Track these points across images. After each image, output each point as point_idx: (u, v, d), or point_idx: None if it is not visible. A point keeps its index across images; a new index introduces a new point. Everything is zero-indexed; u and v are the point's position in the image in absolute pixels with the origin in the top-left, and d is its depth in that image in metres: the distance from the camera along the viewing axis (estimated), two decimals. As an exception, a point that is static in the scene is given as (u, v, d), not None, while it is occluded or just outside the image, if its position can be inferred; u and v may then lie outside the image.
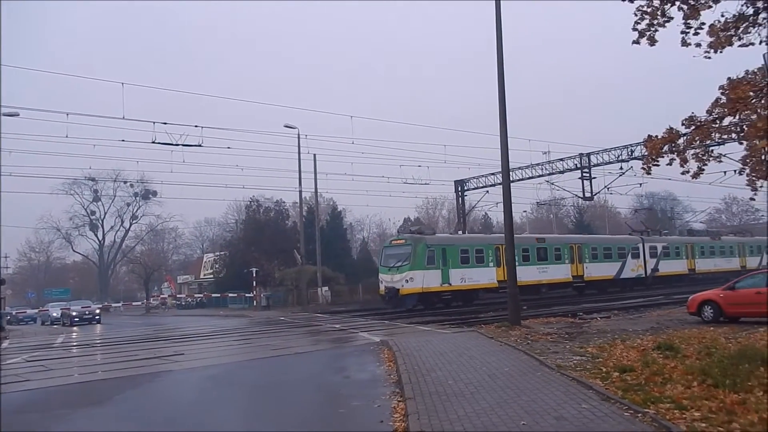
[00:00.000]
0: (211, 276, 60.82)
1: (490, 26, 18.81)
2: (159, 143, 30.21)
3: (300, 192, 42.07)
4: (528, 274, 35.65)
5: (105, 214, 77.98)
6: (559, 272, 39.04)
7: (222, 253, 59.81)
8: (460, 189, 48.70)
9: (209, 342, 21.89)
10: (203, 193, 56.38)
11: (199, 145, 31.01)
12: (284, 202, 55.37)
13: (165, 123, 30.12)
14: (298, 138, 38.71)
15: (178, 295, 63.54)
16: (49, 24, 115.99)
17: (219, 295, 52.20)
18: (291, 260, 47.01)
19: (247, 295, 47.27)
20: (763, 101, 9.86)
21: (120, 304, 62.21)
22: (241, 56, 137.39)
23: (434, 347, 14.50)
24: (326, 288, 44.09)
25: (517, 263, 35.83)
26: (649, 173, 12.58)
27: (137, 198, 74.80)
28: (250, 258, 47.90)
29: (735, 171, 11.55)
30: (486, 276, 35.07)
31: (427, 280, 32.24)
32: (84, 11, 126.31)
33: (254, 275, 44.61)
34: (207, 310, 49.97)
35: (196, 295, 60.58)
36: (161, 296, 62.98)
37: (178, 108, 67.90)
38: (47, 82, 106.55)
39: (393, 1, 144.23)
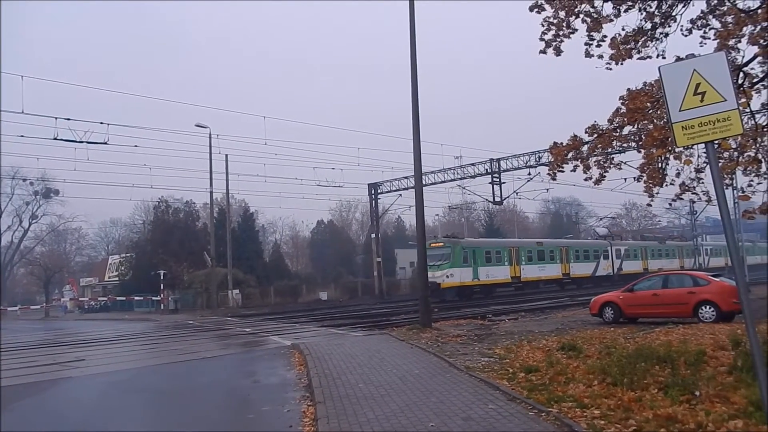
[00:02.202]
0: (117, 278, 58.38)
1: (404, 31, 18.87)
2: (61, 140, 28.84)
3: (211, 193, 41.03)
4: (532, 272, 44.61)
5: (2, 213, 73.19)
6: (553, 270, 46.43)
7: (128, 254, 57.60)
8: (373, 192, 48.93)
9: (113, 347, 20.95)
10: (109, 192, 53.83)
11: (105, 143, 29.83)
12: (194, 203, 54.08)
13: (68, 119, 28.82)
14: (210, 138, 37.79)
15: (81, 299, 60.55)
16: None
17: (124, 298, 50.21)
18: (201, 262, 45.83)
19: (154, 298, 45.67)
20: (658, 112, 10.34)
21: (17, 308, 58.59)
22: (153, 54, 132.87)
23: (346, 350, 14.45)
24: (237, 291, 43.31)
25: (524, 263, 43.96)
26: (554, 179, 12.95)
27: (37, 197, 70.49)
28: (158, 260, 46.40)
29: (634, 178, 12.00)
30: (503, 273, 42.57)
31: (463, 276, 39.25)
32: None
33: (162, 278, 43.20)
34: (112, 314, 47.93)
35: (100, 299, 57.94)
36: (72, 299, 59.59)
37: (82, 104, 64.89)
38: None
39: (309, 0, 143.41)
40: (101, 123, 29.63)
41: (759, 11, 9.58)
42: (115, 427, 9.11)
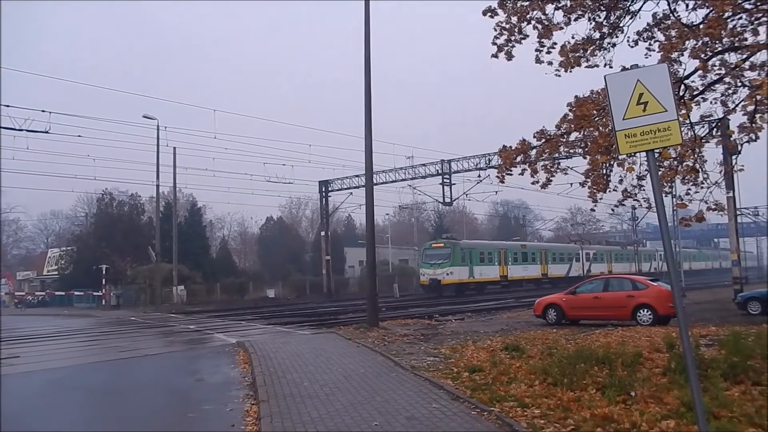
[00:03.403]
0: (56, 273, 56.60)
1: (358, 26, 18.92)
2: (0, 127, 27.90)
3: (157, 186, 40.17)
4: (517, 271, 49.16)
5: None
6: (534, 271, 51.12)
7: (69, 248, 55.89)
8: (324, 189, 48.69)
9: (50, 343, 20.25)
10: (50, 183, 51.89)
11: (46, 132, 28.96)
12: (140, 196, 52.74)
13: (8, 106, 27.96)
14: (158, 129, 37.07)
15: (17, 293, 58.45)
16: None
17: (64, 293, 48.73)
18: (145, 257, 44.81)
19: (95, 293, 44.46)
20: (604, 119, 10.59)
21: (-53, 303, 56.18)
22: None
23: (292, 349, 14.37)
24: (182, 287, 42.51)
25: (510, 263, 48.11)
26: (503, 182, 13.14)
27: (-28, 186, 67.87)
28: (101, 254, 45.14)
29: (579, 183, 12.26)
30: (493, 272, 46.98)
31: (461, 274, 43.30)
32: None
33: (104, 272, 42.08)
34: (50, 309, 46.34)
35: (37, 293, 56.08)
36: (8, 293, 57.29)
37: (23, 91, 62.61)
38: None
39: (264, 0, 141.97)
40: (42, 111, 28.82)
41: (701, 26, 9.92)
42: (48, 427, 8.81)
